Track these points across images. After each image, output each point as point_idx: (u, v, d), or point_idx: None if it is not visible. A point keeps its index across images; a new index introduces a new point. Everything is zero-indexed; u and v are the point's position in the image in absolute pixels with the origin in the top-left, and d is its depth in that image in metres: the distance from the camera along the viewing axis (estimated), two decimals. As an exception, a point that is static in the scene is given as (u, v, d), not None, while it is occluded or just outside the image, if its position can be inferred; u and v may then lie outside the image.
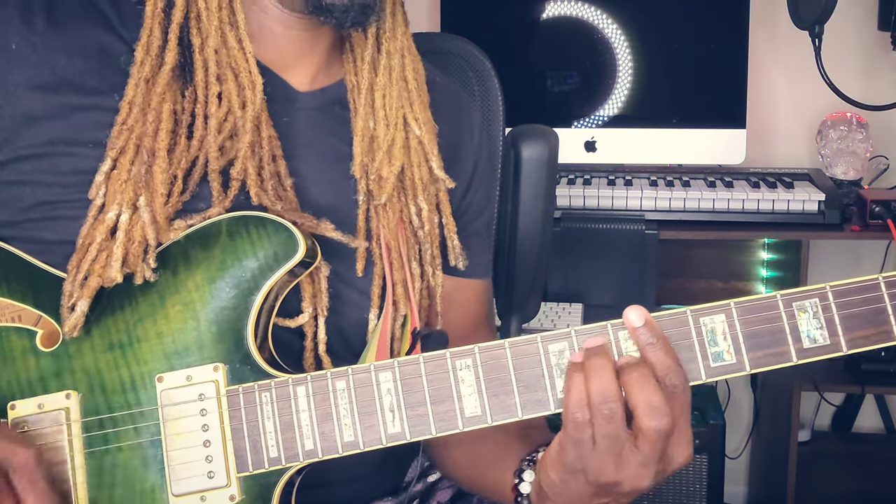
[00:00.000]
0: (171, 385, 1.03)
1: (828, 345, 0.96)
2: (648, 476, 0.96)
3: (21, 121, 1.08)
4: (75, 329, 1.05)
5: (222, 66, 1.11)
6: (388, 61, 1.21)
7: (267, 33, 1.17)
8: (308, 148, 1.20)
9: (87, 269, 1.06)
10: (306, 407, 1.01)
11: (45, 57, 1.09)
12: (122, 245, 1.06)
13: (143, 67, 1.09)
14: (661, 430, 0.94)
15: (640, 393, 0.94)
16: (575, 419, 0.95)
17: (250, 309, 1.04)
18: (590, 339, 0.98)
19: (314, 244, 1.10)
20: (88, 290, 1.05)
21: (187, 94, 1.11)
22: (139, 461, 1.03)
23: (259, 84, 1.12)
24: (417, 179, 1.23)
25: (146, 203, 1.07)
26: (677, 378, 0.95)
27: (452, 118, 1.34)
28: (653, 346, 0.96)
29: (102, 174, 1.08)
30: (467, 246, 1.32)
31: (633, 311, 0.97)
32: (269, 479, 1.02)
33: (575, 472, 0.98)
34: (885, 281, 0.96)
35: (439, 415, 0.99)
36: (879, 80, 2.86)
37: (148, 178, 1.08)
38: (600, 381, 0.94)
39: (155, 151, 1.08)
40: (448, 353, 1.00)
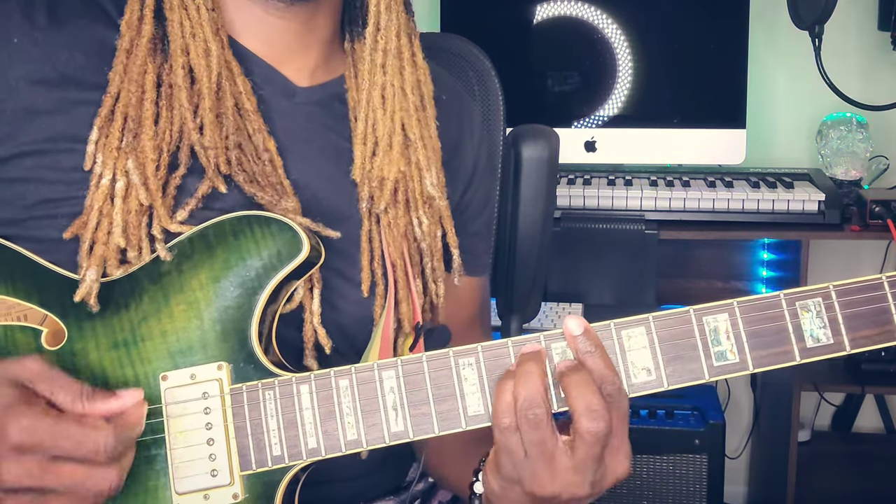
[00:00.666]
0: (174, 383, 1.03)
1: (831, 344, 0.96)
2: (583, 484, 0.96)
3: (22, 115, 1.09)
4: (89, 297, 1.05)
5: (186, 35, 1.12)
6: (385, 59, 1.21)
7: (257, 23, 1.18)
8: (307, 143, 1.20)
9: (92, 237, 1.07)
10: (309, 405, 1.01)
11: (47, 52, 1.10)
12: (120, 212, 1.07)
13: (123, 39, 1.11)
14: (598, 433, 0.94)
15: (579, 396, 0.94)
16: (501, 425, 0.96)
17: (254, 308, 1.05)
18: (526, 346, 0.99)
19: (318, 243, 1.10)
20: (96, 258, 1.06)
21: (166, 67, 1.12)
22: (143, 459, 1.03)
23: (213, 49, 1.13)
24: (418, 194, 1.24)
25: (135, 166, 1.08)
26: (612, 387, 0.95)
27: (455, 116, 1.34)
28: (591, 354, 0.96)
29: (92, 143, 1.08)
30: (467, 244, 1.33)
31: (571, 321, 0.97)
32: (273, 477, 1.02)
33: (511, 482, 0.99)
34: (888, 280, 0.96)
35: (442, 414, 0.99)
36: (879, 80, 2.87)
37: (136, 144, 1.08)
38: (528, 386, 0.95)
39: (141, 120, 1.09)
40: (451, 352, 1.00)
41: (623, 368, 0.98)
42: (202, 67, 1.12)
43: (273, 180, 1.15)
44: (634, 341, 0.98)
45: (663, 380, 0.98)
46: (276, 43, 1.19)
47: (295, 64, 1.21)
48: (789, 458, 2.65)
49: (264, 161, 1.15)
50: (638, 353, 0.98)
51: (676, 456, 2.63)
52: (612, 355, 0.98)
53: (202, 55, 1.12)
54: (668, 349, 0.98)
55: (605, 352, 0.97)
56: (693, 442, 2.62)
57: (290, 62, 1.21)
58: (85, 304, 1.06)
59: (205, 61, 1.12)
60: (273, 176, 1.15)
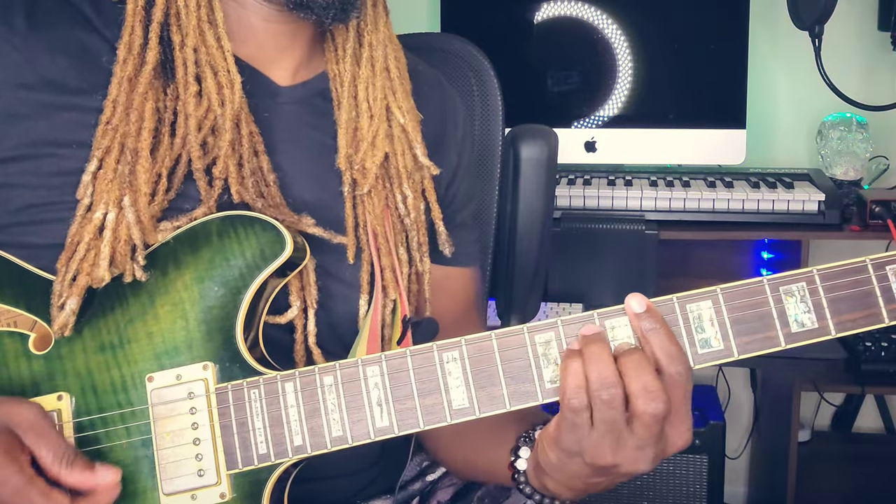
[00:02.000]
0: (160, 384, 1.04)
1: (816, 328, 0.96)
2: (646, 459, 0.97)
3: (4, 120, 1.09)
4: (66, 328, 1.06)
5: (201, 64, 1.12)
6: (371, 53, 1.21)
7: (246, 28, 1.18)
8: (291, 142, 1.21)
9: (76, 268, 1.06)
10: (294, 403, 1.01)
11: (27, 56, 1.10)
12: (109, 244, 1.06)
13: (125, 66, 1.10)
14: (656, 414, 0.94)
15: (636, 377, 0.94)
16: (572, 405, 0.95)
17: (239, 308, 1.05)
18: (586, 327, 0.98)
19: (303, 242, 1.11)
20: (78, 288, 1.06)
21: (169, 92, 1.12)
22: (130, 461, 1.03)
23: (238, 82, 1.13)
24: (402, 167, 1.24)
25: (130, 203, 1.07)
26: (682, 365, 0.96)
27: (436, 105, 1.35)
28: (655, 331, 0.96)
29: (89, 174, 1.08)
30: (454, 236, 1.33)
31: (634, 299, 0.97)
32: (260, 475, 1.03)
33: (572, 454, 0.99)
34: (872, 263, 0.97)
35: (427, 408, 0.99)
36: (879, 80, 2.86)
37: (132, 178, 1.08)
38: (599, 366, 0.94)
39: (138, 151, 1.08)
40: (435, 345, 1.00)
41: None
42: (227, 100, 1.12)
43: (277, 200, 1.15)
44: (618, 331, 0.98)
45: (648, 368, 0.98)
46: (264, 46, 1.19)
47: (279, 64, 1.21)
48: (789, 459, 2.64)
49: (269, 182, 1.16)
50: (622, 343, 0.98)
51: (676, 456, 2.63)
52: None
53: (227, 86, 1.12)
54: None
55: (669, 329, 0.97)
56: (693, 442, 2.60)
57: (271, 62, 1.21)
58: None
59: (230, 94, 1.12)
60: (278, 197, 1.16)
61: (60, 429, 1.05)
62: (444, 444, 1.34)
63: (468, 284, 1.42)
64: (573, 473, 1.01)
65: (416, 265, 1.28)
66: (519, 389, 0.99)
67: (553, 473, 1.04)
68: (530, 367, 0.99)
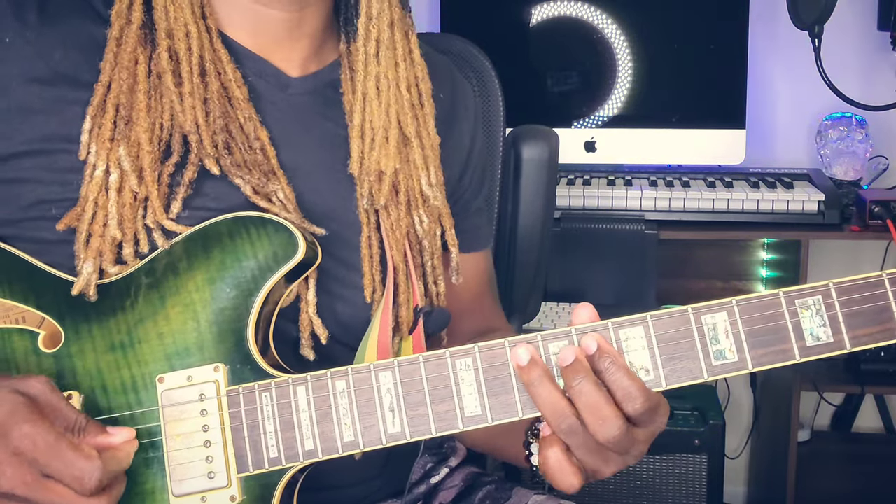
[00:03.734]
0: (171, 385, 1.03)
1: (831, 342, 0.95)
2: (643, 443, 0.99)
3: (18, 115, 1.09)
4: (88, 289, 1.06)
5: (170, 20, 1.12)
6: (377, 49, 1.20)
7: (244, 15, 1.18)
8: (304, 134, 1.20)
9: (87, 229, 1.07)
10: (306, 407, 1.01)
11: (40, 51, 1.09)
12: (115, 203, 1.07)
13: (114, 28, 1.11)
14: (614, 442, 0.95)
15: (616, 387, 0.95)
16: (562, 429, 0.96)
17: (251, 309, 1.04)
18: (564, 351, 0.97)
19: (315, 244, 1.10)
20: (92, 251, 1.06)
21: (154, 57, 1.12)
22: (140, 462, 1.03)
23: (194, 31, 1.13)
24: (417, 193, 1.24)
25: (127, 155, 1.08)
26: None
27: (447, 89, 1.35)
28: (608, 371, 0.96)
29: (86, 133, 1.09)
30: (471, 222, 1.34)
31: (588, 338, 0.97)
32: (270, 479, 1.02)
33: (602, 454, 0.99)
34: (889, 278, 0.95)
35: (439, 414, 0.99)
36: (879, 80, 2.87)
37: (128, 133, 1.09)
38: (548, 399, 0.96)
39: (134, 109, 1.09)
40: (448, 352, 0.99)
41: None
42: (183, 50, 1.12)
43: (265, 168, 1.15)
44: (632, 342, 0.97)
45: (661, 380, 0.97)
46: (264, 33, 1.19)
47: (284, 54, 1.20)
48: (789, 458, 2.65)
49: (256, 150, 1.15)
50: (636, 354, 0.97)
51: (676, 456, 2.63)
52: None
53: (183, 38, 1.12)
54: (666, 349, 0.97)
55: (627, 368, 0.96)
56: (693, 442, 2.62)
57: (280, 52, 1.20)
58: (82, 306, 1.06)
59: (185, 44, 1.12)
60: (265, 164, 1.15)
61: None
62: None
63: (482, 266, 1.43)
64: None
65: (430, 287, 1.28)
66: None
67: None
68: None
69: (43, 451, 0.92)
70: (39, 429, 0.93)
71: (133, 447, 1.01)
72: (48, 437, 0.93)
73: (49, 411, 0.96)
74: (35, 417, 0.93)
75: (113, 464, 0.98)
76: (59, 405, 0.98)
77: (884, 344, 0.96)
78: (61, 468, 0.93)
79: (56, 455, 0.93)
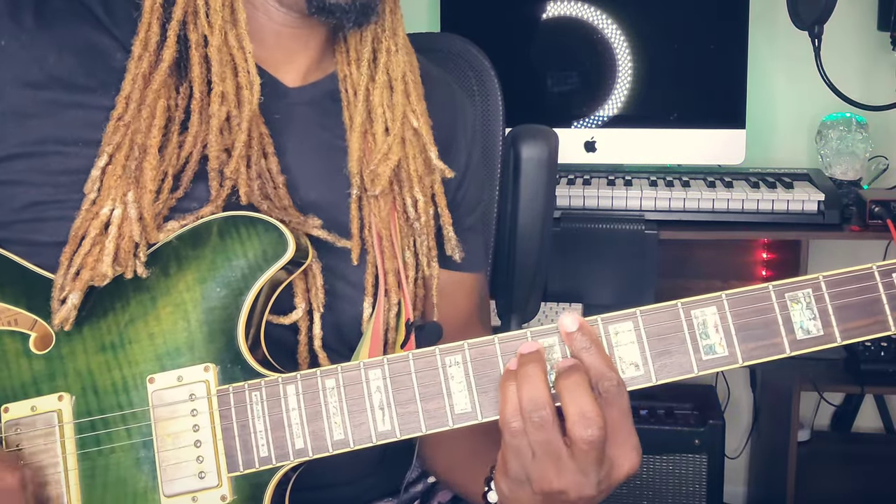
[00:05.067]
0: (162, 386, 1.03)
1: (821, 335, 0.95)
2: (590, 483, 0.95)
3: (11, 118, 1.09)
4: (67, 322, 1.05)
5: (223, 63, 1.11)
6: (388, 59, 1.21)
7: (259, 30, 1.17)
8: (300, 143, 1.20)
9: (80, 262, 1.06)
10: (296, 406, 1.01)
11: (34, 54, 1.09)
12: (113, 240, 1.06)
13: (140, 63, 1.09)
14: (592, 440, 0.92)
15: (571, 401, 0.93)
16: (510, 428, 0.95)
17: (241, 309, 1.04)
18: (524, 344, 0.98)
19: (306, 243, 1.10)
20: (80, 283, 1.06)
21: (181, 91, 1.11)
22: (131, 462, 1.03)
23: (257, 84, 1.12)
24: (413, 171, 1.23)
25: (134, 199, 1.07)
26: (609, 383, 0.94)
27: (447, 111, 1.35)
28: (587, 350, 0.95)
29: (98, 169, 1.08)
30: (462, 240, 1.32)
31: (567, 317, 0.96)
32: (261, 478, 1.02)
33: (520, 482, 0.98)
34: (879, 270, 0.95)
35: (429, 412, 0.99)
36: (879, 80, 2.86)
37: (138, 174, 1.08)
38: (530, 388, 0.94)
39: (146, 148, 1.08)
40: (437, 349, 0.99)
41: None
42: (245, 101, 1.11)
43: (286, 203, 1.15)
44: (622, 336, 0.98)
45: (651, 375, 0.97)
46: (277, 48, 1.19)
47: (290, 66, 1.21)
48: (789, 458, 2.64)
49: (278, 184, 1.15)
50: (626, 349, 0.97)
51: (676, 456, 2.63)
52: None
53: (246, 87, 1.11)
54: (655, 344, 0.97)
55: (601, 347, 0.96)
56: (693, 442, 2.62)
57: (286, 65, 1.20)
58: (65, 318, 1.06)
59: (249, 94, 1.11)
60: (286, 199, 1.15)
61: (60, 429, 1.04)
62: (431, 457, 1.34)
63: (473, 290, 1.41)
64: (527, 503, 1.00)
65: (423, 269, 1.27)
66: None
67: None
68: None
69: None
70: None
71: None
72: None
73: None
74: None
75: None
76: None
77: (874, 336, 0.96)
78: None
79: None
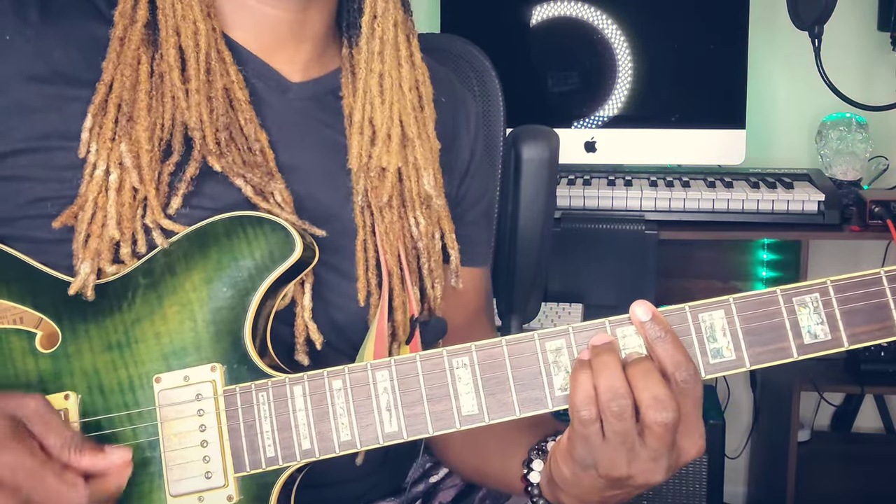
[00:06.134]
0: (168, 385, 1.03)
1: (829, 340, 0.95)
2: (660, 469, 0.96)
3: (16, 113, 1.09)
4: (86, 290, 1.06)
5: (177, 17, 1.12)
6: (382, 48, 1.20)
7: (247, 15, 1.18)
8: (301, 138, 1.20)
9: (87, 230, 1.07)
10: (303, 406, 1.01)
11: (39, 49, 1.10)
12: (114, 204, 1.07)
13: (117, 28, 1.11)
14: (667, 424, 0.93)
15: (645, 387, 0.93)
16: (581, 417, 0.94)
17: (248, 309, 1.04)
18: (596, 336, 0.97)
19: (312, 243, 1.10)
20: (90, 252, 1.06)
21: (156, 57, 1.12)
22: (137, 462, 1.02)
23: (202, 29, 1.12)
24: (415, 194, 1.23)
25: (128, 152, 1.08)
26: (687, 372, 0.94)
27: (449, 104, 1.34)
28: (661, 339, 0.95)
29: (86, 131, 1.09)
30: (465, 234, 1.32)
31: (639, 306, 0.96)
32: (267, 479, 1.02)
33: (586, 467, 0.98)
34: (887, 275, 0.95)
35: (436, 414, 0.99)
36: (879, 80, 2.86)
37: (130, 131, 1.09)
38: (609, 378, 0.93)
39: (135, 108, 1.09)
40: (444, 351, 0.99)
41: None
42: (191, 48, 1.12)
43: (264, 170, 1.15)
44: (630, 339, 0.97)
45: (660, 377, 0.97)
46: (267, 35, 1.19)
47: (286, 57, 1.20)
48: (789, 458, 2.65)
49: (255, 152, 1.15)
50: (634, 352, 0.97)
51: (676, 456, 2.63)
52: None
53: (191, 35, 1.12)
54: None
55: (676, 336, 0.95)
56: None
57: (282, 55, 1.20)
58: (79, 306, 1.06)
59: (193, 41, 1.12)
60: (263, 167, 1.15)
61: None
62: (454, 451, 1.33)
63: (477, 285, 1.41)
64: (588, 487, 1.00)
65: (428, 291, 1.27)
66: (529, 396, 0.98)
67: (567, 488, 1.02)
68: (540, 375, 0.98)
69: (24, 479, 0.93)
70: (20, 456, 0.93)
71: (126, 473, 1.01)
72: (30, 465, 0.93)
73: (43, 430, 0.97)
74: (15, 445, 0.94)
75: (103, 492, 0.98)
76: (53, 423, 0.98)
77: (882, 342, 0.95)
78: (44, 496, 0.94)
79: (39, 483, 0.93)
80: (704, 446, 0.98)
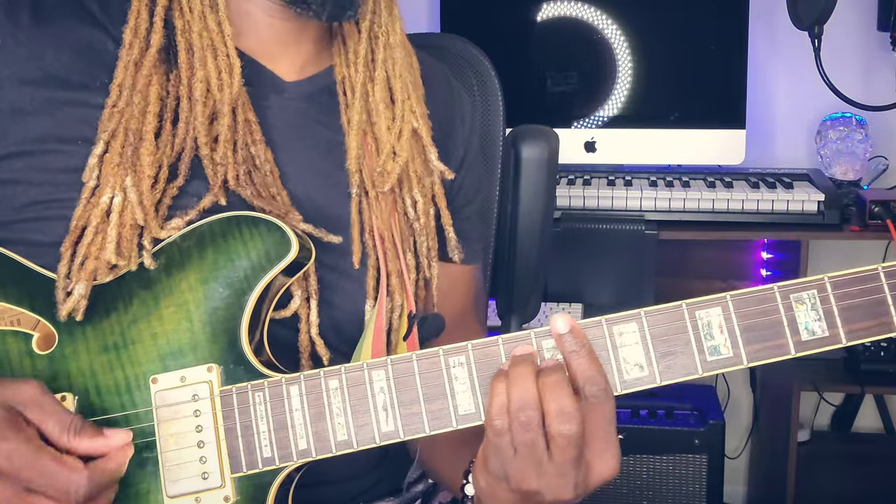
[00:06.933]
0: (165, 386, 1.03)
1: (826, 336, 0.95)
2: (568, 486, 0.95)
3: (10, 116, 1.09)
4: (78, 312, 1.05)
5: (203, 48, 1.11)
6: (388, 54, 1.21)
7: (249, 22, 1.18)
8: (298, 139, 1.20)
9: (84, 252, 1.06)
10: (299, 406, 1.01)
11: (32, 52, 1.10)
12: (115, 227, 1.06)
13: (131, 50, 1.10)
14: (570, 436, 0.92)
15: (552, 399, 0.93)
16: (494, 426, 0.95)
17: (244, 309, 1.04)
18: (518, 347, 0.98)
19: (308, 243, 1.10)
20: (86, 273, 1.06)
21: (172, 78, 1.12)
22: (134, 462, 1.03)
23: (237, 67, 1.12)
24: (412, 172, 1.23)
25: (133, 185, 1.07)
26: (597, 387, 0.94)
27: (443, 100, 1.34)
28: (576, 353, 0.95)
29: (95, 157, 1.08)
30: (459, 230, 1.32)
31: (559, 319, 0.96)
32: (264, 479, 1.02)
33: (498, 479, 0.98)
34: (884, 271, 0.95)
35: (433, 413, 0.99)
36: (879, 80, 2.86)
37: (135, 160, 1.08)
38: (520, 388, 0.94)
39: (142, 134, 1.08)
40: (441, 350, 0.99)
41: (615, 364, 0.97)
42: (225, 84, 1.11)
43: (273, 192, 1.15)
44: (626, 337, 0.97)
45: (656, 375, 0.97)
46: (270, 41, 1.19)
47: (285, 60, 1.21)
48: (789, 458, 2.65)
49: (264, 172, 1.15)
50: (630, 349, 0.97)
51: (676, 456, 2.63)
52: (603, 351, 0.97)
53: (225, 70, 1.11)
54: (660, 344, 0.97)
55: (591, 351, 0.96)
56: (693, 442, 2.62)
57: (281, 58, 1.20)
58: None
59: (228, 78, 1.11)
60: (273, 187, 1.15)
61: None
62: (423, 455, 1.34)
63: (468, 283, 1.41)
64: (503, 500, 1.00)
65: (424, 271, 1.27)
66: None
67: (486, 500, 1.02)
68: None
69: (24, 467, 0.93)
70: (17, 444, 0.93)
71: (127, 455, 1.01)
72: (27, 452, 0.94)
73: (40, 416, 0.97)
74: (12, 434, 0.94)
75: (103, 474, 0.98)
76: (50, 408, 0.98)
77: (879, 338, 0.95)
78: (44, 482, 0.94)
79: (38, 470, 0.94)
80: (618, 468, 0.97)
